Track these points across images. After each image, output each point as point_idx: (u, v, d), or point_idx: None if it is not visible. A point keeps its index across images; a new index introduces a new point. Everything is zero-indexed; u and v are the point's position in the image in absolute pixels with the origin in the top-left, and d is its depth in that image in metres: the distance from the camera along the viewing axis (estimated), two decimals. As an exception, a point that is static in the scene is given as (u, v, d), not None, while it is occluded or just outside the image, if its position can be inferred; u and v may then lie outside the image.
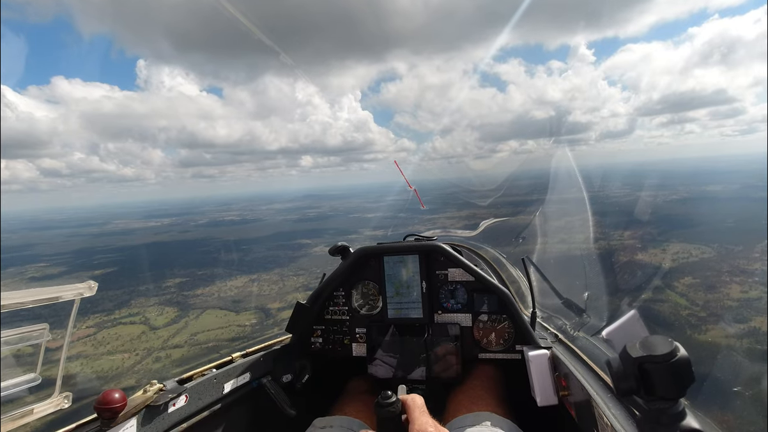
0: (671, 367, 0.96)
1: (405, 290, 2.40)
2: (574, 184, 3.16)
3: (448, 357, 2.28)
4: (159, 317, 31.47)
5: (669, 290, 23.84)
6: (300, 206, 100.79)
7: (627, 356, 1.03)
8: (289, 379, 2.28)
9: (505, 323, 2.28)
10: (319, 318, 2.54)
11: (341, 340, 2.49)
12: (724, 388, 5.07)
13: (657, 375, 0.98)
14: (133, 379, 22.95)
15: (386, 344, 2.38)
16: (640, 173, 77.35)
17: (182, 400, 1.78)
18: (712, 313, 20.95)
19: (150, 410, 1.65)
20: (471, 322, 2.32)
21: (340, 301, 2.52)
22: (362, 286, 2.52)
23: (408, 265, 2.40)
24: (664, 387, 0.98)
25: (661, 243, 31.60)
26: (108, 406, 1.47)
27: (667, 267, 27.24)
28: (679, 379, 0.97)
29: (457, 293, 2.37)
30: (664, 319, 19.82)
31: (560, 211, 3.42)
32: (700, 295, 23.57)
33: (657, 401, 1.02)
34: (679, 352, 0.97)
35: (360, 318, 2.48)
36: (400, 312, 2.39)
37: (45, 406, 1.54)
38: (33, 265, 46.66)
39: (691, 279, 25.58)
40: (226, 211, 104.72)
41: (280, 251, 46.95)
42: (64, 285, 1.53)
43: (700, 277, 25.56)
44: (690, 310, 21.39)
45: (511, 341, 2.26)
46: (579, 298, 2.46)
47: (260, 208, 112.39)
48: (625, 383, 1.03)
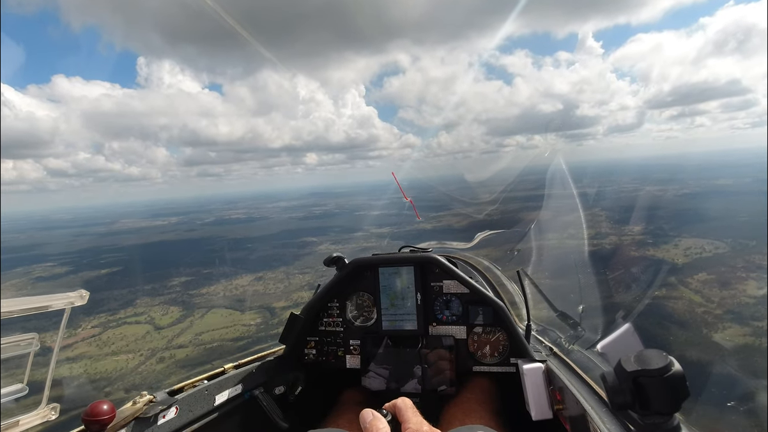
0: (666, 381, 0.95)
1: (400, 302, 2.39)
2: (568, 195, 3.17)
3: (442, 369, 2.26)
4: (164, 317, 31.40)
5: (683, 287, 23.31)
6: (306, 204, 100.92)
7: (622, 370, 1.02)
8: (281, 391, 2.27)
9: (500, 336, 2.28)
10: (313, 329, 2.53)
11: (335, 352, 2.48)
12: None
13: (652, 389, 0.97)
14: (137, 380, 22.81)
15: (380, 356, 2.36)
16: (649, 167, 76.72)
17: (172, 412, 1.75)
18: (728, 311, 20.30)
19: (139, 422, 1.62)
20: (466, 335, 2.32)
21: (335, 313, 2.51)
22: (357, 298, 2.51)
23: (403, 277, 2.40)
24: (659, 401, 0.97)
25: (672, 238, 31.10)
26: (96, 418, 1.45)
27: (679, 263, 26.72)
28: (674, 393, 0.97)
29: (451, 305, 2.37)
30: (678, 317, 19.31)
31: (555, 222, 3.40)
32: (714, 291, 22.95)
33: (652, 416, 1.01)
34: (674, 367, 0.96)
35: (354, 329, 2.47)
36: (394, 324, 2.38)
37: (31, 418, 1.50)
38: (40, 265, 46.93)
39: (705, 275, 24.95)
40: (232, 210, 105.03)
41: (286, 249, 46.88)
42: (55, 294, 1.51)
43: (714, 273, 24.94)
44: (705, 308, 20.77)
45: (505, 354, 2.25)
46: (574, 311, 2.47)
47: (266, 206, 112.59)
48: (620, 397, 1.02)
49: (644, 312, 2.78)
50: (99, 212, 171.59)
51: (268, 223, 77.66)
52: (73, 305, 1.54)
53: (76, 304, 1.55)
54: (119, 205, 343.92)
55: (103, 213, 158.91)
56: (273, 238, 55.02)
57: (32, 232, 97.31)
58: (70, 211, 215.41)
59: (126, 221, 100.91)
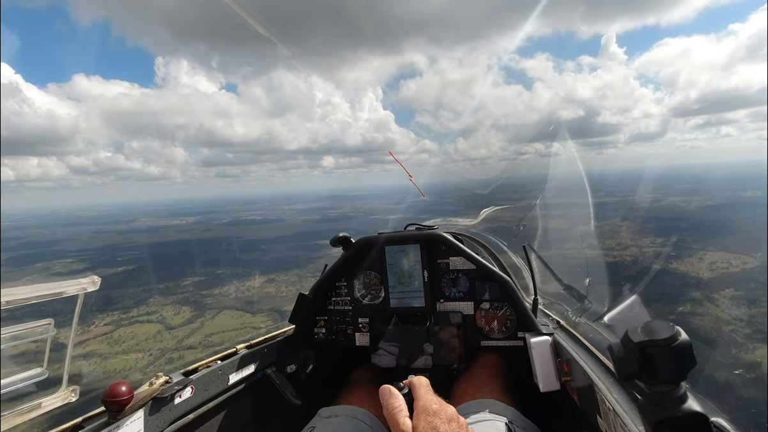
0: (673, 351, 0.93)
1: (407, 279, 2.40)
2: (576, 175, 3.10)
3: (450, 345, 2.29)
4: (175, 316, 31.47)
5: (709, 302, 22.25)
6: (322, 206, 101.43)
7: (629, 341, 1.00)
8: (293, 370, 2.30)
9: (507, 310, 2.30)
10: (322, 308, 2.57)
11: (344, 330, 2.52)
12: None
13: (658, 359, 0.95)
14: (144, 381, 22.86)
15: (389, 333, 2.39)
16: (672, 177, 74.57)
17: (188, 391, 1.79)
18: (758, 330, 19.18)
19: (156, 402, 1.66)
20: (473, 310, 2.34)
21: (343, 292, 2.55)
22: (364, 276, 2.54)
23: (409, 255, 2.40)
24: (665, 371, 0.95)
25: (696, 251, 29.85)
26: (115, 399, 1.48)
27: (705, 278, 25.61)
28: (680, 362, 0.94)
29: (458, 281, 2.39)
30: (705, 335, 18.32)
31: (561, 196, 3.30)
32: (743, 309, 21.76)
33: (659, 385, 0.98)
34: (681, 336, 0.94)
35: (362, 308, 2.51)
36: (402, 301, 2.40)
37: (53, 400, 1.56)
38: (60, 261, 47.91)
39: (732, 291, 23.77)
40: (249, 211, 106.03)
41: (300, 251, 46.83)
42: (68, 280, 1.53)
43: (742, 290, 23.72)
44: (733, 326, 19.66)
45: (513, 328, 2.28)
46: (580, 284, 2.46)
47: (282, 207, 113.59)
48: (627, 367, 1.00)
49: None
50: (120, 210, 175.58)
51: (284, 225, 78.08)
52: (86, 291, 1.58)
53: (89, 290, 1.58)
54: (140, 204, 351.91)
55: (125, 211, 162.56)
56: (287, 240, 55.16)
57: (55, 228, 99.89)
58: (93, 209, 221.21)
59: (145, 219, 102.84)
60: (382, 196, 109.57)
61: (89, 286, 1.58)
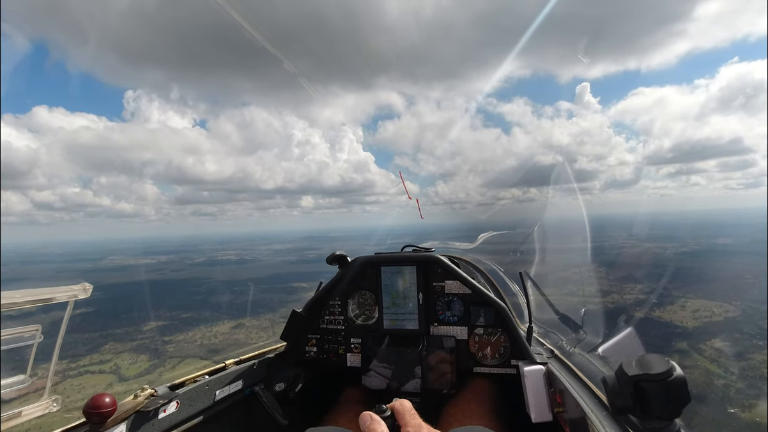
0: (667, 386, 0.92)
1: (401, 301, 2.38)
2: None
3: (442, 370, 2.25)
4: (131, 366, 28.76)
5: (696, 354, 21.52)
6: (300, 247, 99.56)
7: (623, 374, 0.98)
8: (282, 388, 2.26)
9: (501, 337, 2.26)
10: (315, 327, 2.54)
11: (336, 350, 2.48)
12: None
13: (653, 394, 0.94)
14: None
15: (381, 355, 2.35)
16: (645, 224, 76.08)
17: (173, 406, 1.76)
18: (751, 384, 18.38)
19: (140, 416, 1.63)
20: (467, 335, 2.31)
21: (336, 311, 2.52)
22: (358, 296, 2.52)
23: (405, 276, 2.38)
24: (659, 406, 0.94)
25: (678, 298, 29.58)
26: (97, 411, 1.45)
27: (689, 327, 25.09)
28: (675, 398, 0.93)
29: (453, 305, 2.36)
30: (697, 390, 17.40)
31: (559, 227, 3.33)
32: (732, 361, 21.09)
33: (652, 420, 0.97)
34: (676, 372, 0.92)
35: (355, 328, 2.48)
36: (395, 323, 2.37)
37: (33, 409, 1.52)
38: (11, 302, 44.56)
39: (719, 341, 23.19)
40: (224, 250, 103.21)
41: (273, 294, 44.70)
42: (59, 286, 1.51)
43: (728, 340, 23.19)
44: (725, 380, 18.86)
45: (506, 355, 2.24)
46: (576, 314, 2.43)
47: (260, 247, 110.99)
48: (621, 401, 0.98)
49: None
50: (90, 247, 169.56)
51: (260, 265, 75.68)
52: (76, 298, 1.56)
53: (80, 297, 1.57)
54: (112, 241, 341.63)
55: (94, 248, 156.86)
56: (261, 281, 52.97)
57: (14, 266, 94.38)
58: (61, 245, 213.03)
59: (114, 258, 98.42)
60: (361, 236, 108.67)
61: (80, 293, 1.57)
